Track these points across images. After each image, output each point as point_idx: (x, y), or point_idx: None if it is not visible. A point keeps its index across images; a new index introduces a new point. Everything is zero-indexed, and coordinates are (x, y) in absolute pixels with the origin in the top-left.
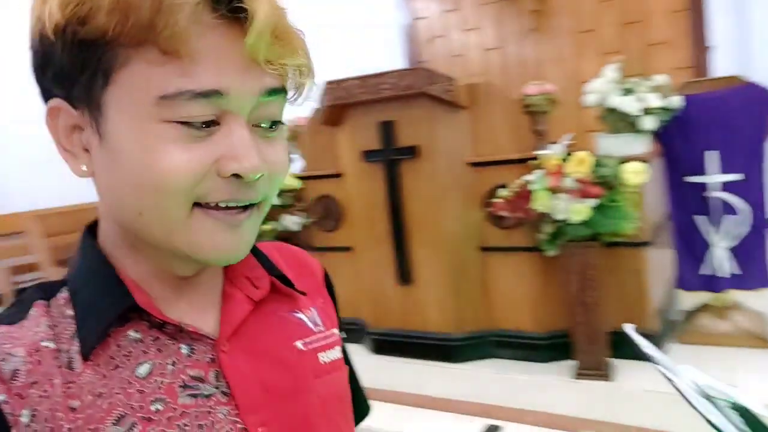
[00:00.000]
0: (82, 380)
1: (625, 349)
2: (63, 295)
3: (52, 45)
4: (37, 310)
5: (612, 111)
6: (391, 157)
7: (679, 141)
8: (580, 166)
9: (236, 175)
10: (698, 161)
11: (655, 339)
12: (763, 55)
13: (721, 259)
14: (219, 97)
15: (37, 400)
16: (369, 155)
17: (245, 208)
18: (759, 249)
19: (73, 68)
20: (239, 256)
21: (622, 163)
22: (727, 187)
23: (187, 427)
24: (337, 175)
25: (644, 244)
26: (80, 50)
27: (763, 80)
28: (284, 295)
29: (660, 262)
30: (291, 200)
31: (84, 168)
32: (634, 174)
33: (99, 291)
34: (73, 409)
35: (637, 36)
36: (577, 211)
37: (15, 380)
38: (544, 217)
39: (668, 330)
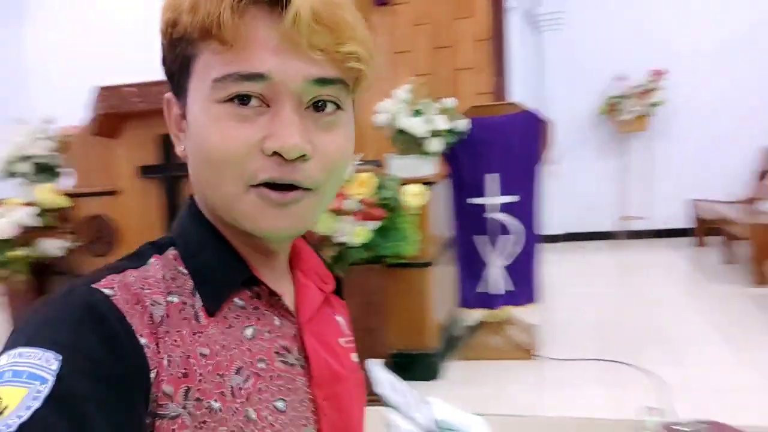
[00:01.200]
0: (209, 332)
1: (411, 370)
2: (172, 252)
3: (162, 47)
4: (155, 261)
5: (401, 132)
6: (172, 173)
7: (463, 163)
8: (361, 187)
9: (278, 154)
10: (479, 183)
11: (437, 357)
12: (552, 84)
13: (496, 277)
14: (262, 80)
15: (170, 347)
16: (147, 171)
17: (292, 188)
18: (530, 267)
19: (172, 64)
20: (291, 234)
21: (404, 184)
22: (504, 208)
23: (282, 387)
24: (112, 193)
25: (427, 264)
26: (174, 48)
27: (551, 106)
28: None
29: (444, 282)
30: (52, 221)
31: (182, 149)
32: (414, 196)
33: (218, 258)
34: (204, 356)
35: (446, 60)
36: (357, 233)
37: (161, 325)
38: (325, 240)
39: (450, 347)
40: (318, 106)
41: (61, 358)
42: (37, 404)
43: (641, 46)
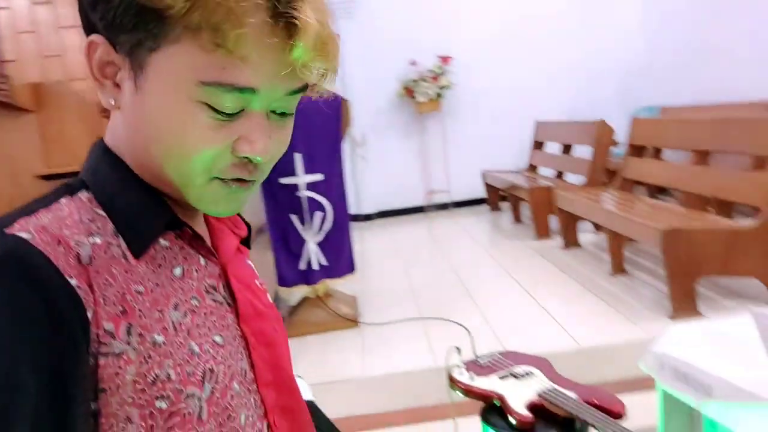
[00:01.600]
0: (140, 270)
1: None
2: (85, 194)
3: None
4: (67, 202)
5: None
6: None
7: None
8: None
9: (247, 157)
10: (290, 163)
11: None
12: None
13: (312, 252)
14: (251, 93)
15: (104, 286)
16: None
17: (248, 182)
18: (343, 241)
19: (126, 21)
20: (230, 214)
21: None
22: (310, 186)
23: (215, 323)
24: None
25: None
26: (138, 11)
27: (354, 90)
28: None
29: (263, 263)
30: None
31: (112, 102)
32: None
33: (139, 201)
34: (140, 293)
35: None
36: None
37: (90, 265)
38: None
39: None
40: (281, 111)
41: None
42: None
43: (431, 34)
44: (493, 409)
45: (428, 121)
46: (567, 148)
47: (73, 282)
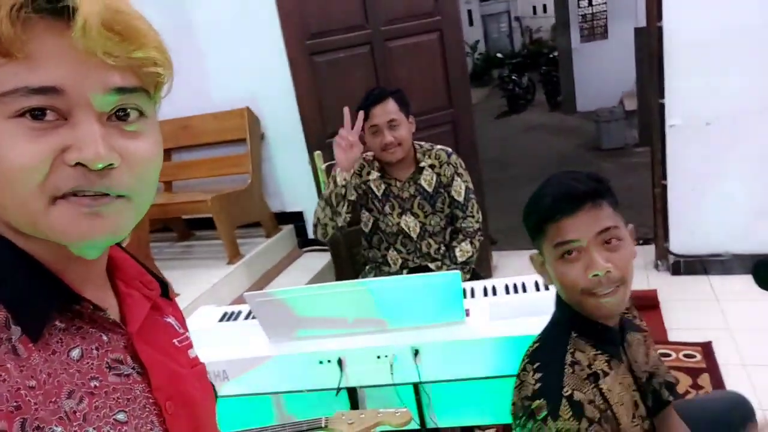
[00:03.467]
0: (32, 362)
1: None
2: None
3: None
4: None
5: None
6: None
7: None
8: None
9: (82, 165)
10: None
11: None
12: None
13: None
14: (56, 93)
15: None
16: None
17: (104, 196)
18: None
19: None
20: (106, 241)
21: None
22: None
23: (119, 400)
24: None
25: None
26: None
27: None
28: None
29: None
30: None
31: None
32: None
33: (30, 283)
34: (32, 388)
35: None
36: None
37: None
38: None
39: None
40: (120, 115)
41: None
42: None
43: None
44: None
45: None
46: None
47: None
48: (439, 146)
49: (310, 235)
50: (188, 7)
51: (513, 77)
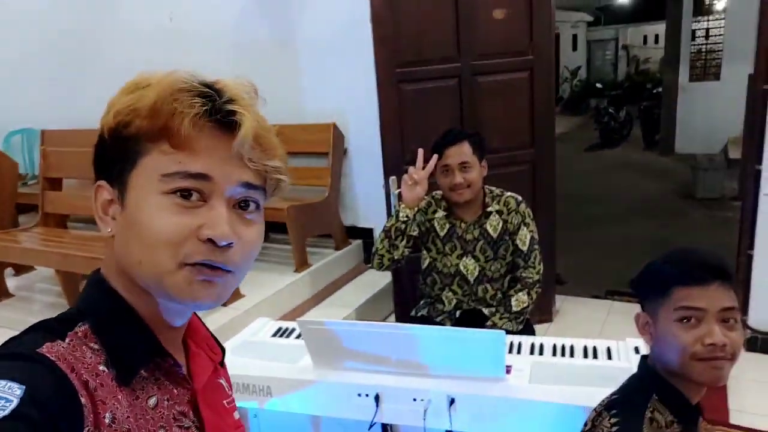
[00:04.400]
0: (124, 402)
1: None
2: (82, 328)
3: (105, 142)
4: (70, 338)
5: None
6: None
7: None
8: None
9: (211, 241)
10: None
11: None
12: None
13: None
14: (204, 180)
15: (111, 409)
16: None
17: (220, 270)
18: None
19: (114, 158)
20: (212, 305)
21: None
22: None
23: None
24: None
25: None
26: (120, 145)
27: None
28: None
29: None
30: None
31: (109, 230)
32: None
33: (130, 334)
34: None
35: None
36: None
37: (95, 393)
38: None
39: None
40: (242, 206)
41: (24, 387)
42: (2, 414)
43: None
44: None
45: None
46: None
47: (83, 400)
48: (509, 193)
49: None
50: (294, 26)
51: (610, 110)
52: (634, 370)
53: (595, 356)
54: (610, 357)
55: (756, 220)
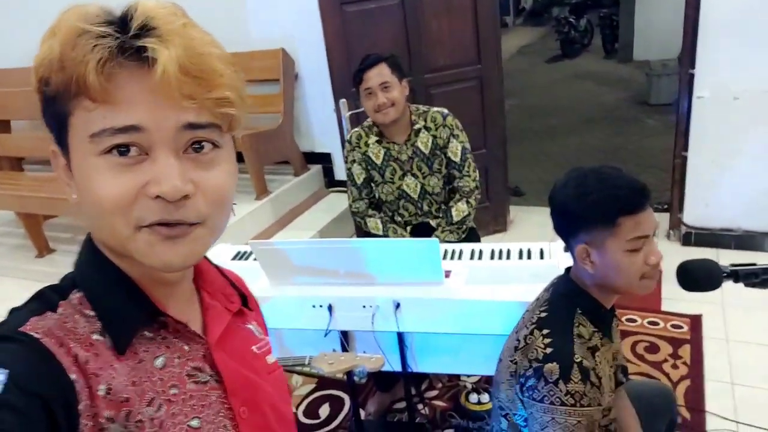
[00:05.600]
0: (125, 367)
1: None
2: (76, 296)
3: (40, 102)
4: (63, 307)
5: None
6: None
7: None
8: None
9: (162, 198)
10: None
11: None
12: None
13: None
14: (137, 132)
15: (106, 379)
16: None
17: (181, 225)
18: None
19: (51, 120)
20: (185, 265)
21: None
22: None
23: (195, 407)
24: None
25: None
26: (49, 105)
27: None
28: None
29: None
30: None
31: (74, 196)
32: None
33: (122, 298)
34: (127, 386)
35: None
36: None
37: (87, 365)
38: None
39: None
40: (196, 147)
41: (7, 372)
42: None
43: None
44: None
45: None
46: None
47: (72, 377)
48: (435, 108)
49: (337, 176)
50: None
51: (570, 19)
52: (562, 267)
53: (529, 257)
54: (542, 257)
55: (689, 123)
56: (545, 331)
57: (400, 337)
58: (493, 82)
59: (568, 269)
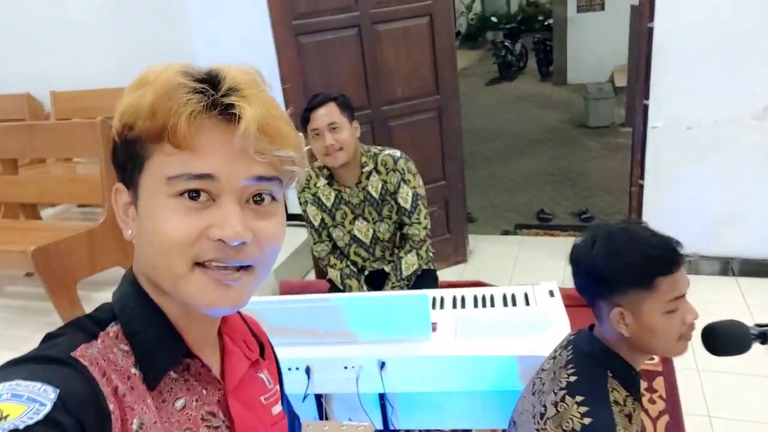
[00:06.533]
0: (151, 405)
1: None
2: (113, 329)
3: (116, 145)
4: (102, 338)
5: None
6: None
7: None
8: None
9: (222, 241)
10: None
11: None
12: None
13: None
14: (210, 179)
15: (141, 413)
16: None
17: (237, 269)
18: None
19: (125, 160)
20: (231, 309)
21: None
22: None
23: None
24: None
25: None
26: (128, 147)
27: None
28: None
29: None
30: None
31: (130, 233)
32: None
33: (158, 337)
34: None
35: None
36: None
37: (124, 398)
38: None
39: None
40: (257, 200)
41: (58, 391)
42: (36, 418)
43: None
44: None
45: None
46: None
47: (111, 407)
48: (388, 150)
49: (290, 209)
50: None
51: (506, 43)
52: (551, 313)
53: (514, 303)
54: (527, 303)
55: (645, 152)
56: (579, 398)
57: (382, 395)
58: (452, 112)
59: (590, 331)
